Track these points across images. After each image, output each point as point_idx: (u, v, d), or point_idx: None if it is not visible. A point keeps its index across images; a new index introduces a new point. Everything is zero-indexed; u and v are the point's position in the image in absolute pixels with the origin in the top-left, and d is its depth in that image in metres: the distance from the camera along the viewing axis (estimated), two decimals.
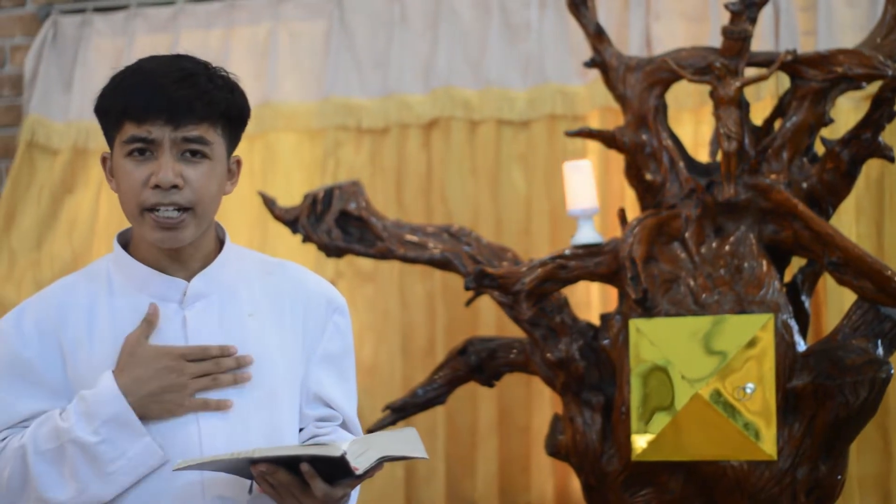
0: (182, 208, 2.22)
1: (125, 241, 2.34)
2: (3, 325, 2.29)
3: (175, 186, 2.20)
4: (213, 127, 2.23)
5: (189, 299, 2.28)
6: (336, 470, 2.13)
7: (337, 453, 2.09)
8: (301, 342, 2.34)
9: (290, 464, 2.13)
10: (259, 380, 2.27)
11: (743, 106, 3.63)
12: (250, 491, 2.22)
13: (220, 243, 2.36)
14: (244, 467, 2.16)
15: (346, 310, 2.42)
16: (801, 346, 3.53)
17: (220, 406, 2.22)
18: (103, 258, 2.36)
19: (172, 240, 2.24)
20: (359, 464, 2.11)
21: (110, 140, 2.28)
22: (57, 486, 2.20)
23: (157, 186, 2.20)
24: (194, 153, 2.22)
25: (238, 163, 2.35)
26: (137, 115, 2.21)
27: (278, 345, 2.31)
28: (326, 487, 2.14)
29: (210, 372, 2.22)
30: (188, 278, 2.29)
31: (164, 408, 2.21)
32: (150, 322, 2.23)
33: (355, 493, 2.33)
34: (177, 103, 2.20)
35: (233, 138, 2.30)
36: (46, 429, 2.20)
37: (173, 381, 2.21)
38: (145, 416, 2.20)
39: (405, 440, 2.22)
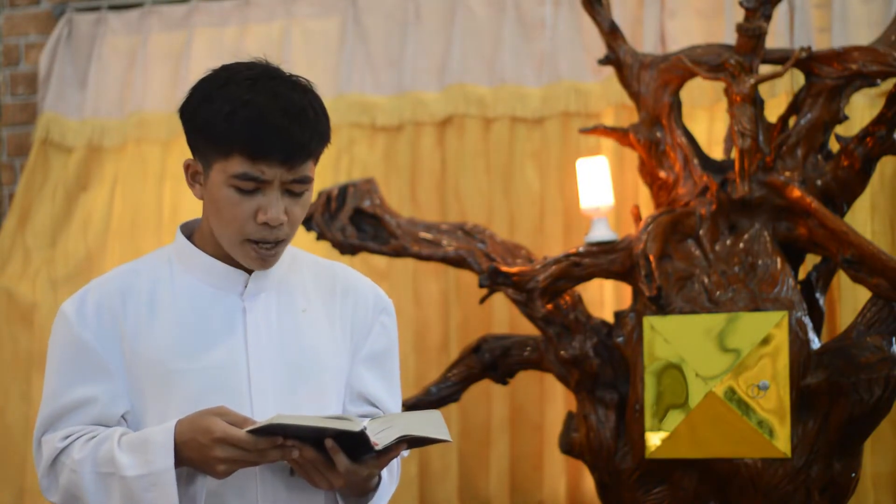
0: (282, 240, 2.29)
1: (189, 232, 2.39)
2: (66, 308, 2.34)
3: (281, 224, 2.26)
4: (314, 160, 2.29)
5: (249, 292, 2.34)
6: (359, 447, 2.17)
7: (356, 428, 2.13)
8: (349, 340, 2.41)
9: (315, 441, 2.17)
10: (310, 374, 2.34)
11: (757, 103, 3.62)
12: (291, 472, 2.27)
13: None
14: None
15: (393, 310, 2.49)
16: (816, 343, 3.52)
17: None
18: (164, 248, 2.42)
19: (266, 265, 2.32)
20: (379, 439, 2.16)
21: (206, 160, 2.29)
22: None
23: (265, 223, 2.25)
24: (298, 190, 2.27)
25: None
26: (253, 154, 2.22)
27: (328, 341, 2.38)
28: (350, 463, 2.18)
29: (250, 461, 2.21)
30: (248, 272, 2.35)
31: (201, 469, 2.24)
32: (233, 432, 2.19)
33: (386, 494, 2.37)
34: (294, 147, 2.23)
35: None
36: (105, 451, 2.24)
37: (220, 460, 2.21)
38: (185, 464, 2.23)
39: (428, 422, 2.26)
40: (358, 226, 3.92)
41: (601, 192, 3.90)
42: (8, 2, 5.22)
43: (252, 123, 2.22)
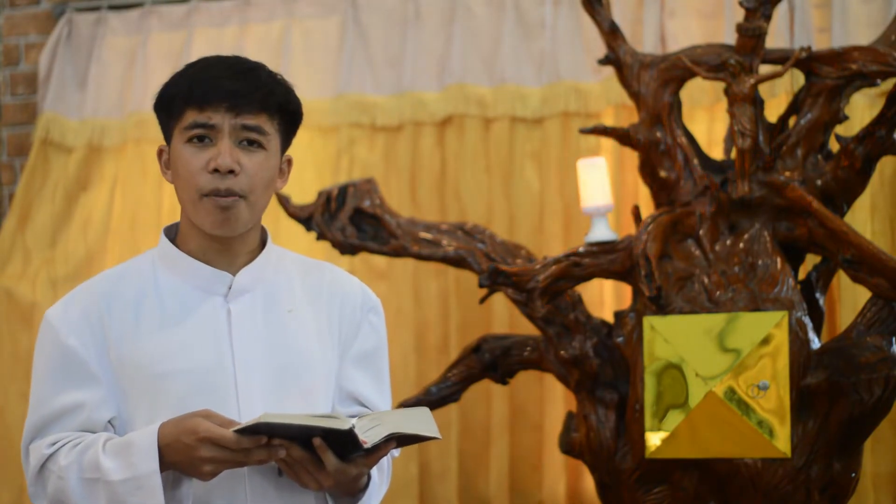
0: (237, 195, 2.27)
1: (171, 235, 2.40)
2: (51, 315, 2.34)
3: (232, 172, 2.26)
4: (270, 119, 2.31)
5: (234, 293, 2.34)
6: (347, 446, 2.17)
7: (345, 426, 2.13)
8: (337, 340, 2.40)
9: (303, 440, 2.17)
10: (298, 375, 2.33)
11: (757, 103, 3.62)
12: (280, 473, 2.26)
13: (263, 243, 2.41)
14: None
15: (381, 309, 2.49)
16: (816, 343, 3.52)
17: None
18: (148, 252, 2.42)
19: (226, 224, 2.29)
20: (368, 437, 2.15)
21: (169, 132, 2.33)
22: None
23: (215, 171, 2.26)
24: (252, 142, 2.29)
25: (289, 162, 2.42)
26: (199, 101, 2.26)
27: (316, 341, 2.37)
28: (338, 462, 2.18)
29: (235, 461, 2.21)
30: (233, 273, 2.34)
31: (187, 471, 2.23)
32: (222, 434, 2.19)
33: (377, 494, 2.36)
34: (238, 91, 2.27)
35: (287, 135, 2.37)
36: (90, 456, 2.24)
37: (202, 460, 2.21)
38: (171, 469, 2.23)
39: (417, 419, 2.26)
40: (358, 226, 3.92)
41: (601, 192, 3.89)
42: (8, 2, 5.22)
43: (199, 74, 2.29)
